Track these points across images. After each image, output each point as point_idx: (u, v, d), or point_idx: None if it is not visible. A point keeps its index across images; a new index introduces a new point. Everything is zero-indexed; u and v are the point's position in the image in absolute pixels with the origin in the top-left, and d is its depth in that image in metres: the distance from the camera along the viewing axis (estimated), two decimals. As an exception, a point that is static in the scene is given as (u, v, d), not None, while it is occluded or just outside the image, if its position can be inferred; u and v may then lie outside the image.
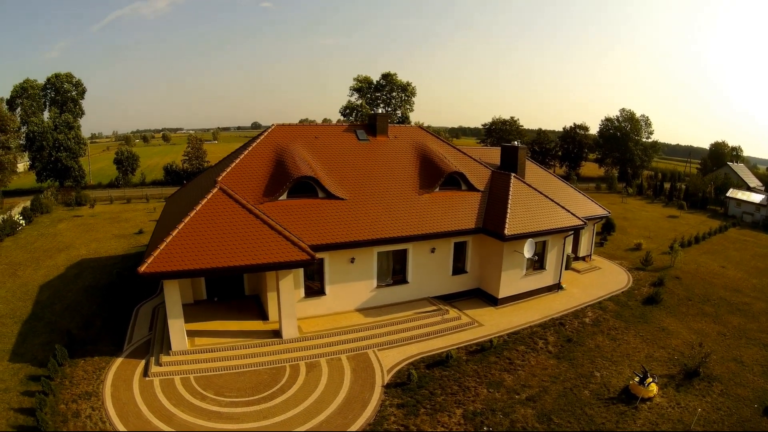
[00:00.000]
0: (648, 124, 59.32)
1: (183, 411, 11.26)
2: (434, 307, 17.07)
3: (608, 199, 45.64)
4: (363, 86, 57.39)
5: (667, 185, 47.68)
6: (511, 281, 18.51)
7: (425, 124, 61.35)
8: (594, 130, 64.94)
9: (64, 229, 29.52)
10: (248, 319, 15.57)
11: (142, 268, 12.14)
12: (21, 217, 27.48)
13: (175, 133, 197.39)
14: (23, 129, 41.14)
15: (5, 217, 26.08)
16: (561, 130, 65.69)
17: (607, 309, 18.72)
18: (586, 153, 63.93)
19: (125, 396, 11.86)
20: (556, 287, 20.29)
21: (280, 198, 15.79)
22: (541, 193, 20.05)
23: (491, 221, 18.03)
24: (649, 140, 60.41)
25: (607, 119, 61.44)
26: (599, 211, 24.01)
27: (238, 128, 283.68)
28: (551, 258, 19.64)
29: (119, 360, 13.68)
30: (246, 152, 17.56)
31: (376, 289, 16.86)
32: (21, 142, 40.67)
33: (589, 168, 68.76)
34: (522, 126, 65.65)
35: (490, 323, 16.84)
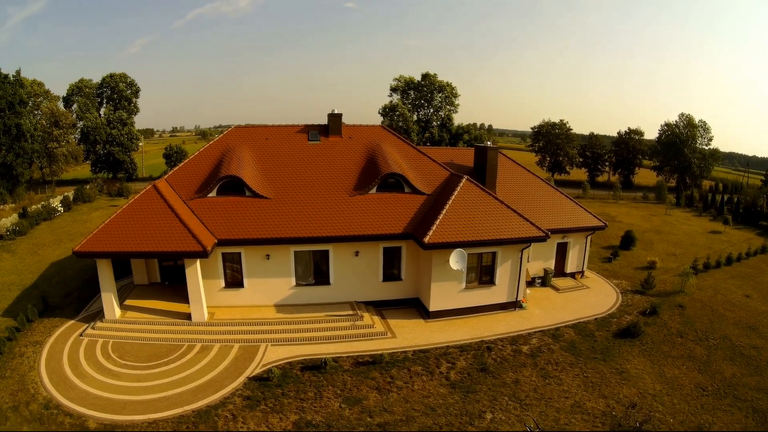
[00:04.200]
0: (706, 129, 61.37)
1: (88, 364, 16.75)
2: (351, 312, 20.37)
3: (651, 210, 45.20)
4: (400, 86, 64.53)
5: (719, 197, 47.71)
6: (447, 294, 20.62)
7: (481, 124, 66.51)
8: (652, 135, 68.04)
9: (96, 216, 39.07)
10: (180, 302, 20.79)
11: (76, 248, 18.03)
12: (60, 205, 37.54)
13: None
14: (79, 124, 54.29)
15: (45, 203, 36.17)
16: (616, 135, 68.98)
17: (561, 337, 18.86)
18: (639, 159, 66.96)
19: (58, 348, 17.84)
20: (513, 305, 21.74)
21: (209, 195, 20.78)
22: (497, 199, 21.78)
23: (421, 227, 20.58)
24: (708, 147, 62.26)
25: (667, 124, 64.25)
26: (593, 221, 24.56)
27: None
28: (503, 272, 21.18)
29: (71, 322, 19.97)
30: (197, 152, 23.02)
31: (296, 287, 20.82)
32: (76, 136, 53.84)
33: (645, 176, 68.98)
34: (571, 129, 68.09)
35: (406, 336, 19.19)
